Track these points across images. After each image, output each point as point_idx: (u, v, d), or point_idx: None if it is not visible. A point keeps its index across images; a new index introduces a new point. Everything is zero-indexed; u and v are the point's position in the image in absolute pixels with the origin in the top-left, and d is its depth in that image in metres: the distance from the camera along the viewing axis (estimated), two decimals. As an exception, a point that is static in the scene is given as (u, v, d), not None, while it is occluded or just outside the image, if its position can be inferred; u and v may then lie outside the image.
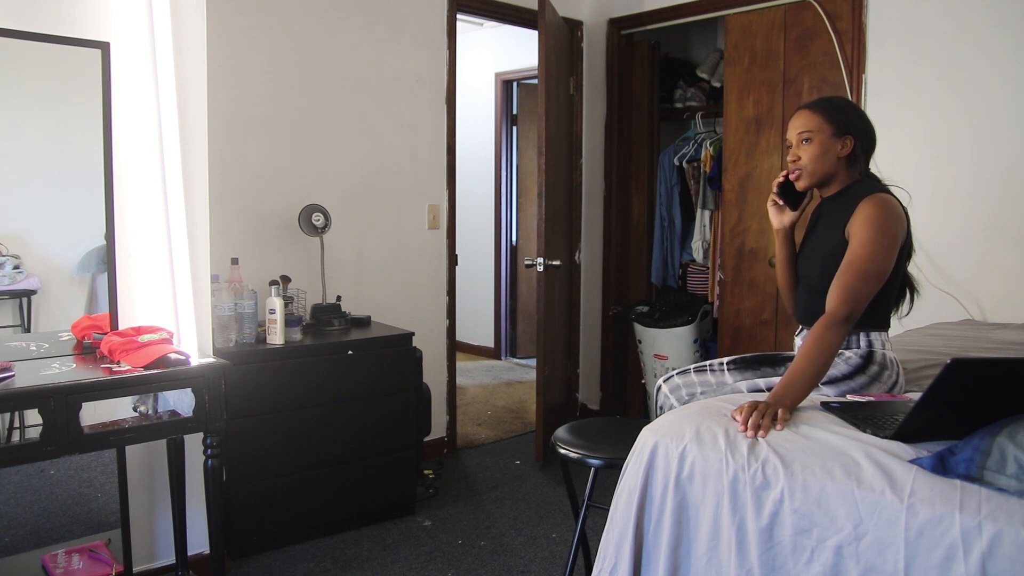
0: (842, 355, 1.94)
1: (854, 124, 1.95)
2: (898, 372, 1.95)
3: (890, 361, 1.94)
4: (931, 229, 3.11)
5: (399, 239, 3.64)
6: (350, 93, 3.42)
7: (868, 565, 1.29)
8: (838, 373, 1.92)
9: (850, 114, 1.97)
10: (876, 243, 1.80)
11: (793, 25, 3.48)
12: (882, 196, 1.87)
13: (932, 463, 1.32)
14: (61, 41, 2.24)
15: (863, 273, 1.79)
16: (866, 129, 1.98)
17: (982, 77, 2.96)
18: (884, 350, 1.94)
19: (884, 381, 1.92)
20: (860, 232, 1.82)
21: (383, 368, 3.01)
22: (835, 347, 1.75)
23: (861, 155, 1.96)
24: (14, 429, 2.24)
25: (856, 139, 1.94)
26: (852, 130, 1.94)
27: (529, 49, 4.33)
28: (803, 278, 2.08)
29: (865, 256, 1.80)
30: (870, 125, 1.99)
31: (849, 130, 1.94)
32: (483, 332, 6.23)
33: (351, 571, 2.70)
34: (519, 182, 6.11)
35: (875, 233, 1.81)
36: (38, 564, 2.33)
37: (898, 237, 1.85)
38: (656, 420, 1.69)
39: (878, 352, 1.93)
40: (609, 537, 1.62)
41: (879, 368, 1.92)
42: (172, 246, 2.42)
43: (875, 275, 1.80)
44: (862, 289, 1.78)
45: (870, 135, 1.98)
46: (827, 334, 1.75)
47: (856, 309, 1.78)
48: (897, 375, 1.94)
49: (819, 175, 1.97)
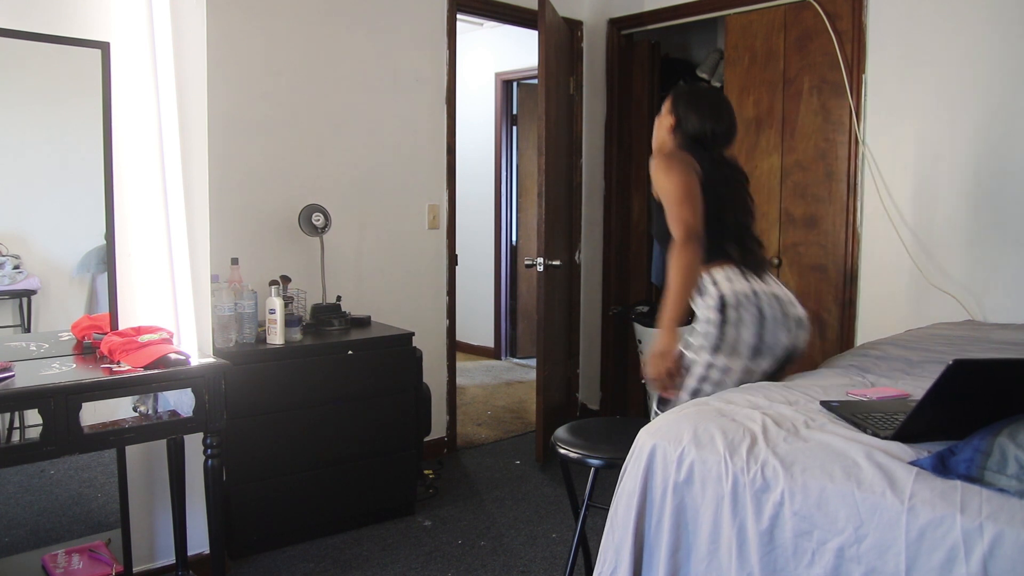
0: (703, 313, 2.10)
1: (680, 105, 2.24)
2: (759, 302, 2.06)
3: (744, 295, 2.07)
4: (931, 229, 3.12)
5: (399, 239, 3.64)
6: (350, 93, 3.41)
7: (869, 567, 1.29)
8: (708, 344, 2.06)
9: (679, 97, 2.27)
10: (664, 179, 2.09)
11: (793, 25, 3.47)
12: (660, 154, 2.21)
13: (932, 463, 1.31)
14: (61, 41, 2.23)
15: (672, 201, 2.06)
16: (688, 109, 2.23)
17: (982, 77, 2.96)
18: (733, 285, 2.08)
19: (746, 321, 2.05)
20: (654, 182, 2.14)
21: (383, 368, 3.01)
22: (686, 263, 2.01)
23: (680, 130, 2.23)
24: (14, 429, 2.24)
25: (676, 117, 2.24)
26: (675, 109, 2.24)
27: (529, 49, 4.33)
28: (658, 243, 2.29)
29: (664, 190, 2.09)
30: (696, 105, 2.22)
31: (674, 109, 2.25)
32: (483, 332, 6.23)
33: (351, 571, 2.70)
34: (519, 182, 6.11)
35: (657, 172, 2.12)
36: (38, 564, 2.33)
37: (675, 167, 2.10)
38: (653, 422, 1.69)
39: (727, 291, 2.07)
40: (609, 540, 1.61)
41: (732, 308, 2.05)
42: (172, 246, 2.42)
43: (682, 199, 2.05)
44: (680, 212, 2.04)
45: (690, 115, 2.22)
46: (675, 257, 2.02)
47: (689, 229, 2.02)
48: (759, 306, 2.06)
49: (655, 143, 2.32)
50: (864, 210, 3.31)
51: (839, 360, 2.30)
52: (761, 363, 2.06)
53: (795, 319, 2.12)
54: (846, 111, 3.31)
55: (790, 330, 2.09)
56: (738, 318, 2.04)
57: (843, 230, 3.36)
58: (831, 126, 3.38)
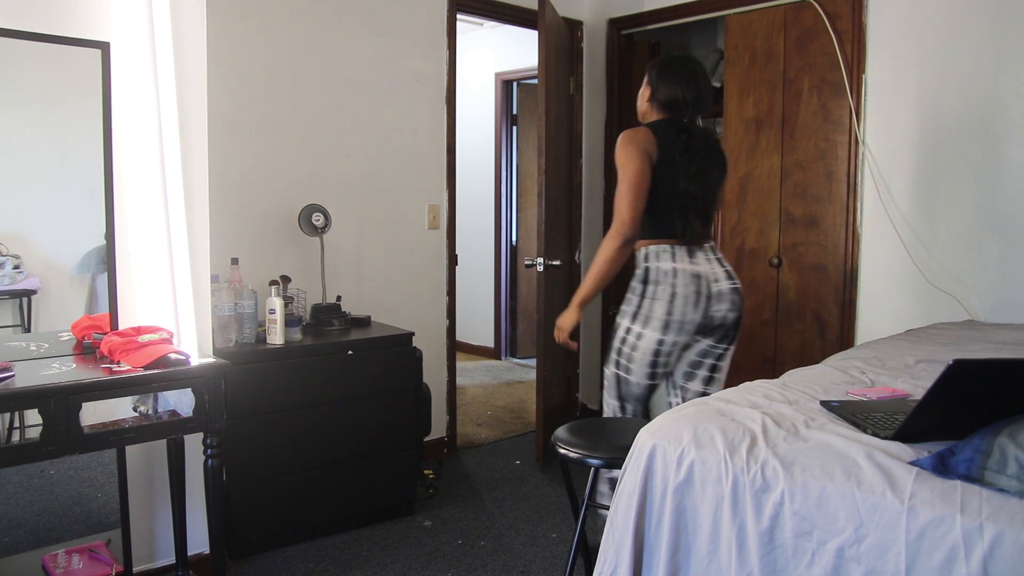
0: (633, 283, 2.44)
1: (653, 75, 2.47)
2: (674, 282, 2.34)
3: (664, 273, 2.36)
4: (931, 229, 3.12)
5: (399, 239, 3.64)
6: (350, 93, 3.41)
7: (869, 567, 1.29)
8: (628, 311, 2.42)
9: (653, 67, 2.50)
10: (622, 160, 2.33)
11: (793, 25, 3.47)
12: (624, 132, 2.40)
13: (932, 463, 1.31)
14: (61, 41, 2.23)
15: (621, 187, 2.33)
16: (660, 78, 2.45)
17: (982, 77, 2.96)
18: (658, 262, 2.38)
19: (660, 296, 2.35)
20: (616, 156, 2.36)
21: (383, 368, 3.01)
22: (610, 256, 2.34)
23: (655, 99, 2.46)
24: (14, 429, 2.24)
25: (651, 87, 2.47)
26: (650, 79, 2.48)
27: (529, 49, 4.33)
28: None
29: (619, 170, 2.34)
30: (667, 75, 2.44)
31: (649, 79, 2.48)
32: (483, 332, 6.23)
33: (351, 571, 2.70)
34: (519, 182, 6.11)
35: (619, 149, 2.35)
36: (38, 564, 2.33)
37: (632, 152, 2.32)
38: (653, 422, 1.69)
39: (651, 267, 2.38)
40: (609, 540, 1.61)
41: (653, 285, 2.37)
42: (172, 246, 2.42)
43: (627, 189, 2.31)
44: (621, 203, 2.32)
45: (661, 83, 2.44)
46: (604, 245, 2.36)
47: (623, 224, 2.31)
48: (673, 286, 2.34)
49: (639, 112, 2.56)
50: (864, 210, 3.31)
51: (839, 359, 2.30)
52: (670, 335, 2.35)
53: (715, 295, 2.36)
54: (846, 111, 3.31)
55: (700, 308, 2.34)
56: (653, 293, 2.36)
57: (843, 230, 3.36)
58: (831, 126, 3.38)
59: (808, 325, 3.49)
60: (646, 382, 2.44)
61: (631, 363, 2.42)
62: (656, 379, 2.45)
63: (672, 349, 2.38)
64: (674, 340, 2.36)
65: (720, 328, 2.40)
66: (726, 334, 2.42)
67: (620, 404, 2.51)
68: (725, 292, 2.38)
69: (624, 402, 2.50)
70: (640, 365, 2.40)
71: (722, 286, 2.37)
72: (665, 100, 2.42)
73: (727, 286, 2.38)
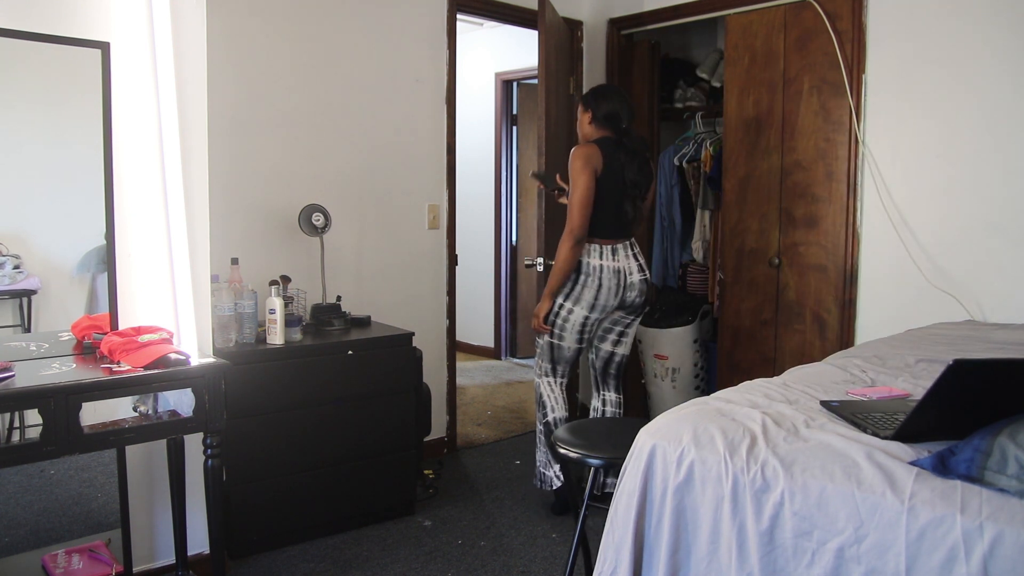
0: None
1: (590, 100, 3.05)
2: (600, 276, 2.98)
3: (593, 268, 2.99)
4: (931, 229, 3.12)
5: (399, 239, 3.64)
6: (350, 93, 3.41)
7: (869, 567, 1.29)
8: (565, 291, 3.03)
9: (586, 96, 3.11)
10: (576, 175, 2.91)
11: (793, 25, 3.47)
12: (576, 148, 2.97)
13: (932, 463, 1.31)
14: (61, 41, 2.23)
15: (573, 199, 2.93)
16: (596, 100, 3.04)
17: (982, 77, 2.96)
18: (589, 259, 2.99)
19: (589, 285, 2.99)
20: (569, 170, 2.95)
21: (383, 368, 3.01)
22: (567, 257, 2.94)
23: (596, 118, 3.02)
24: (14, 429, 2.24)
25: (590, 110, 3.05)
26: (587, 105, 3.05)
27: (529, 49, 4.33)
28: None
29: (572, 185, 2.93)
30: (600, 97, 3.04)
31: (586, 105, 3.06)
32: (483, 332, 6.23)
33: (351, 571, 2.70)
34: (519, 182, 6.11)
35: (572, 163, 2.94)
36: (38, 564, 2.33)
37: (583, 168, 2.89)
38: (653, 422, 1.68)
39: (583, 262, 2.99)
40: (609, 540, 1.61)
41: (584, 276, 2.99)
42: (172, 246, 2.42)
43: (578, 203, 2.91)
44: (573, 214, 2.92)
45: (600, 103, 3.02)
46: (561, 247, 2.96)
47: (574, 231, 2.91)
48: (600, 279, 2.98)
49: (580, 136, 3.12)
50: (864, 210, 3.31)
51: (840, 357, 2.31)
52: (595, 313, 3.03)
53: (629, 285, 3.03)
54: (846, 111, 3.31)
55: (618, 295, 3.02)
56: (584, 282, 2.99)
57: (843, 230, 3.36)
58: (831, 126, 3.38)
59: (808, 325, 3.49)
60: (576, 346, 3.11)
61: (563, 332, 3.07)
62: (582, 343, 3.12)
63: (595, 322, 3.08)
64: (597, 317, 3.06)
65: (630, 306, 3.10)
66: (634, 310, 3.13)
67: (552, 367, 3.15)
68: (636, 283, 3.05)
69: (556, 364, 3.14)
70: (571, 333, 3.07)
71: (634, 278, 3.04)
72: (606, 114, 3.00)
73: (638, 278, 3.05)
